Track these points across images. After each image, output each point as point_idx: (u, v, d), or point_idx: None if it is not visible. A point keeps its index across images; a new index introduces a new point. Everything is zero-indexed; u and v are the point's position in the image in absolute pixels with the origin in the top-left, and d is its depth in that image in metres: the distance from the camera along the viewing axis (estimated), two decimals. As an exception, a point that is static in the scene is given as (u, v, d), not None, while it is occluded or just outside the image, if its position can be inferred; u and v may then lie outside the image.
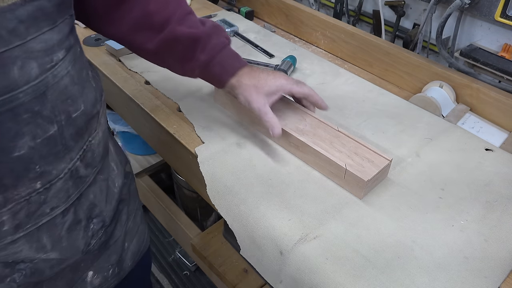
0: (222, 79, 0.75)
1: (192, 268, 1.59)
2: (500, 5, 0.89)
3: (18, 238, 0.53)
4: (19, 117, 0.47)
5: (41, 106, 0.49)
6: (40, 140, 0.50)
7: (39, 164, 0.51)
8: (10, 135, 0.47)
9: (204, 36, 0.72)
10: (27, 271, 0.57)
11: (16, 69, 0.45)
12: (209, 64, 0.73)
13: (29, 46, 0.46)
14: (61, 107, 0.52)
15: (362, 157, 0.71)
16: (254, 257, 0.68)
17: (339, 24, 1.09)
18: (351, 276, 0.58)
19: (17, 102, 0.46)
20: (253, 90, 0.73)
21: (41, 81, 0.48)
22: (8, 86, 0.45)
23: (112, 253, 0.70)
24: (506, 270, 0.60)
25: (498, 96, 0.87)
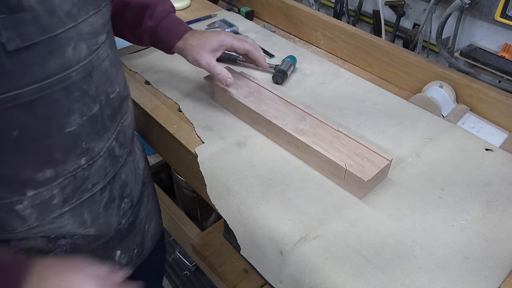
0: (169, 43, 0.81)
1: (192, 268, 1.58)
2: (500, 5, 0.88)
3: (64, 212, 0.58)
4: (71, 95, 0.52)
5: (88, 85, 0.54)
6: (86, 118, 0.55)
7: (85, 140, 0.56)
8: (64, 111, 0.52)
9: (152, 4, 0.79)
10: (67, 246, 0.62)
11: (70, 49, 0.50)
12: (156, 29, 0.80)
13: (79, 28, 0.51)
14: (102, 87, 0.57)
15: (362, 157, 0.71)
16: (254, 257, 0.68)
17: (339, 24, 1.09)
18: (351, 276, 0.58)
19: (70, 80, 0.51)
20: (198, 49, 0.79)
21: (89, 62, 0.54)
22: (63, 65, 0.50)
23: (137, 234, 0.76)
24: (506, 270, 0.60)
25: (498, 96, 0.87)
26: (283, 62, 0.99)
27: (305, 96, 0.93)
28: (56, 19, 0.47)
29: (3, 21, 0.43)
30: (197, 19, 1.21)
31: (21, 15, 0.44)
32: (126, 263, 0.75)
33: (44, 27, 0.46)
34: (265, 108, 0.81)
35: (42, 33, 0.46)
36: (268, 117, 0.78)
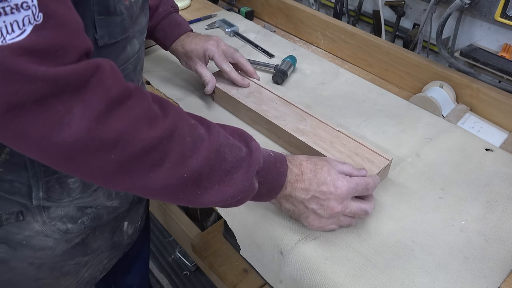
0: (165, 45, 0.88)
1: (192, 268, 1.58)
2: (500, 5, 0.88)
3: (99, 187, 0.66)
4: None
5: (135, 75, 0.64)
6: None
7: None
8: None
9: (153, 5, 0.84)
10: (92, 215, 0.68)
11: (129, 45, 0.60)
12: (154, 30, 0.86)
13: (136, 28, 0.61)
14: (140, 76, 0.68)
15: (363, 157, 0.71)
16: (254, 257, 0.68)
17: (339, 24, 1.09)
18: (351, 276, 0.58)
19: (127, 71, 0.62)
20: (187, 57, 0.86)
21: (137, 55, 0.63)
22: (125, 58, 0.60)
23: (140, 207, 0.83)
24: (506, 270, 0.60)
25: (498, 96, 0.87)
26: (283, 62, 0.99)
27: (305, 96, 0.93)
28: (132, 22, 0.58)
29: (100, 21, 0.52)
30: (197, 19, 1.21)
31: (113, 18, 0.54)
32: (132, 233, 0.82)
33: (125, 28, 0.57)
34: (265, 108, 0.81)
35: (122, 33, 0.57)
36: (268, 117, 0.78)
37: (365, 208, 0.61)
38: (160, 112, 0.46)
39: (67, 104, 0.39)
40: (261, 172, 0.54)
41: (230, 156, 0.50)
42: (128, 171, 0.44)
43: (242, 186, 0.51)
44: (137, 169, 0.44)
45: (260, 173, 0.54)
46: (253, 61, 1.01)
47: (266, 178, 0.55)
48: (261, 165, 0.53)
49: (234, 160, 0.50)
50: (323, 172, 0.58)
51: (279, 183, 0.56)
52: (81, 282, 0.77)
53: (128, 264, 1.07)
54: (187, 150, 0.47)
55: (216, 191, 0.50)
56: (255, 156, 0.53)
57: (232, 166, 0.50)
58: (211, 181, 0.49)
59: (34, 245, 0.65)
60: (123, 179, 0.44)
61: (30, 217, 0.63)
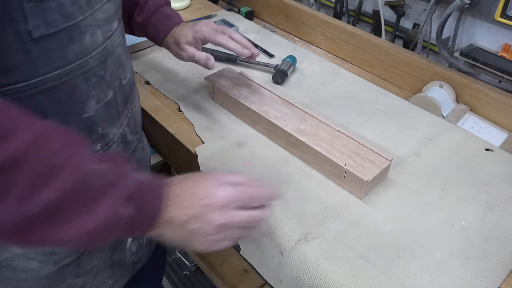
0: (158, 40, 0.83)
1: (192, 268, 1.58)
2: (500, 5, 0.88)
3: None
4: (89, 81, 0.53)
5: (104, 71, 0.56)
6: (102, 103, 0.56)
7: (101, 126, 0.57)
8: (82, 97, 0.53)
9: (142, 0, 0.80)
10: None
11: (88, 36, 0.52)
12: (145, 26, 0.81)
13: (96, 16, 0.52)
14: (116, 73, 0.59)
15: (363, 157, 0.71)
16: (254, 257, 0.68)
17: (339, 24, 1.09)
18: (351, 276, 0.58)
19: (88, 66, 0.53)
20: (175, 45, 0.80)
21: (104, 48, 0.55)
22: (82, 52, 0.52)
23: None
24: (506, 270, 0.60)
25: (498, 96, 0.87)
26: (283, 62, 0.99)
27: (305, 96, 0.93)
28: (78, 7, 0.49)
29: (31, 9, 0.45)
30: (197, 19, 1.21)
31: (47, 4, 0.46)
32: (136, 250, 0.75)
33: (67, 15, 0.48)
34: (266, 108, 0.81)
35: (65, 20, 0.48)
36: (269, 117, 0.78)
37: (255, 215, 0.53)
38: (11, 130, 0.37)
39: None
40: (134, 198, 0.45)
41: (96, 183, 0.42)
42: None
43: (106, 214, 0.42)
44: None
45: (132, 199, 0.45)
46: (253, 61, 1.02)
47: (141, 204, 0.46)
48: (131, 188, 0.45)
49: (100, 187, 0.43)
50: (202, 186, 0.51)
51: (155, 207, 0.48)
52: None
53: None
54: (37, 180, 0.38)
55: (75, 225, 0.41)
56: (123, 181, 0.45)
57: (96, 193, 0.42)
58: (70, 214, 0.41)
59: (15, 266, 0.58)
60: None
61: None
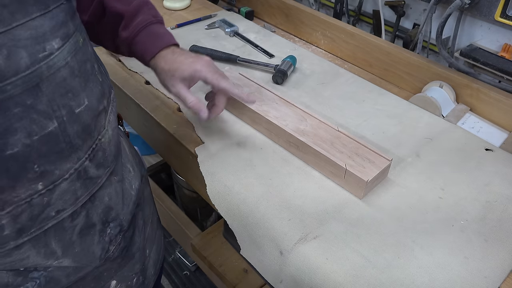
0: (144, 59, 0.72)
1: (192, 268, 1.58)
2: (500, 5, 0.88)
3: (22, 243, 0.50)
4: (8, 112, 0.43)
5: (35, 99, 0.46)
6: (38, 137, 0.47)
7: (37, 163, 0.48)
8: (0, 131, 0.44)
9: (128, 14, 0.70)
10: (41, 280, 0.54)
11: (1, 58, 0.42)
12: (131, 42, 0.71)
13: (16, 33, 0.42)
14: (60, 101, 0.48)
15: (363, 157, 0.71)
16: (254, 257, 0.68)
17: (339, 24, 1.09)
18: (351, 276, 0.58)
19: (5, 94, 0.43)
20: (169, 75, 0.70)
21: (33, 72, 0.45)
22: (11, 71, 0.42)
23: (136, 262, 0.68)
24: (506, 270, 0.60)
25: (498, 96, 0.87)
26: (283, 62, 0.99)
27: (305, 96, 0.93)
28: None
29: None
30: (197, 19, 1.21)
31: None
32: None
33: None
34: (266, 108, 0.81)
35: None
36: (269, 117, 0.78)
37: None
38: None
39: None
40: None
41: None
42: None
43: None
44: None
45: None
46: (253, 61, 1.02)
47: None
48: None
49: None
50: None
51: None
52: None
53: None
54: None
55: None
56: None
57: None
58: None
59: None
60: None
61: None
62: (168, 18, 1.24)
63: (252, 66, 1.02)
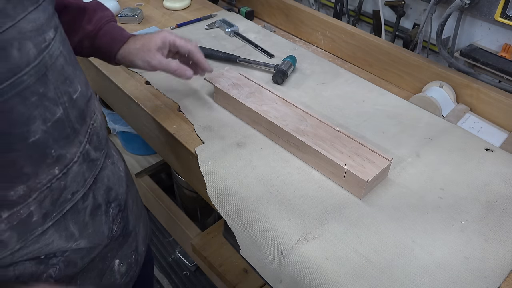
0: (112, 50, 0.76)
1: (192, 268, 1.59)
2: (500, 5, 0.88)
3: (47, 229, 0.54)
4: (27, 101, 0.47)
5: (45, 87, 0.50)
6: (51, 123, 0.51)
7: (53, 148, 0.52)
8: (23, 120, 0.47)
9: (90, 8, 0.76)
10: (61, 265, 0.58)
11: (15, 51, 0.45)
12: (97, 35, 0.75)
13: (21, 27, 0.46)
14: (62, 88, 0.52)
15: (363, 157, 0.71)
16: (254, 257, 0.68)
17: (339, 24, 1.09)
18: (351, 276, 0.58)
19: (23, 85, 0.47)
20: (145, 50, 0.75)
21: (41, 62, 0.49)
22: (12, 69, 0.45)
23: (133, 239, 0.72)
24: (506, 270, 0.60)
25: (498, 96, 0.87)
26: (283, 62, 0.99)
27: (305, 96, 0.93)
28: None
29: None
30: (197, 19, 1.22)
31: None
32: (125, 271, 0.71)
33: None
34: (266, 108, 0.81)
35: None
36: (269, 117, 0.78)
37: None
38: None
39: None
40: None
41: None
42: None
43: None
44: None
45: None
46: (253, 61, 1.02)
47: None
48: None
49: None
50: None
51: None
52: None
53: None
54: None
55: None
56: None
57: None
58: None
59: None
60: None
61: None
62: (168, 18, 1.24)
63: (252, 66, 1.02)
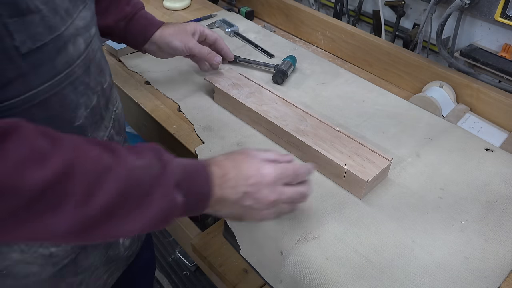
0: (147, 32, 0.83)
1: (192, 268, 1.58)
2: (500, 5, 0.88)
3: None
4: (76, 90, 0.53)
5: (89, 78, 0.56)
6: (89, 110, 0.56)
7: (90, 132, 0.57)
8: (72, 106, 0.53)
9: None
10: None
11: (71, 45, 0.51)
12: (134, 17, 0.82)
13: (76, 24, 0.52)
14: (98, 78, 0.59)
15: (363, 157, 0.71)
16: (254, 257, 0.68)
17: (339, 24, 1.09)
18: (351, 276, 0.58)
19: (74, 75, 0.53)
20: (183, 33, 0.84)
21: (87, 55, 0.55)
22: (68, 61, 0.51)
23: None
24: (506, 270, 0.60)
25: (498, 96, 0.87)
26: (283, 62, 0.99)
27: (305, 96, 0.93)
28: (59, 18, 0.49)
29: (15, 24, 0.44)
30: (197, 19, 1.21)
31: (30, 17, 0.45)
32: (129, 244, 0.77)
33: (50, 27, 0.48)
34: (266, 108, 0.81)
35: (49, 32, 0.48)
36: (269, 117, 0.78)
37: (301, 190, 0.59)
38: (50, 148, 0.40)
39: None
40: (182, 184, 0.49)
41: (144, 177, 0.46)
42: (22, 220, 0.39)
43: (163, 204, 0.47)
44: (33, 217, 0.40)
45: (181, 186, 0.49)
46: (253, 61, 1.02)
47: (191, 188, 0.50)
48: (178, 176, 0.49)
49: (149, 180, 0.46)
50: (245, 165, 0.55)
51: (205, 190, 0.52)
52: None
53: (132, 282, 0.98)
54: (91, 186, 0.42)
55: (136, 217, 0.46)
56: (169, 170, 0.48)
57: (148, 186, 0.46)
58: (128, 208, 0.45)
59: (16, 273, 0.59)
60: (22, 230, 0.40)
61: (6, 248, 0.57)
62: (168, 18, 1.24)
63: (252, 66, 1.02)
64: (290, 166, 0.58)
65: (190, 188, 0.50)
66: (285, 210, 0.59)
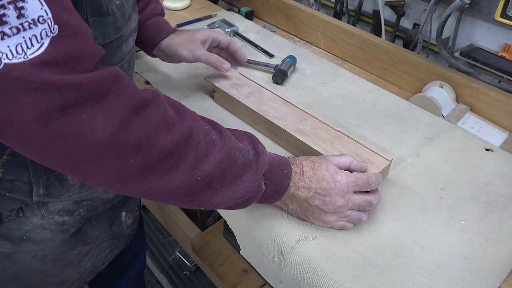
0: (155, 39, 0.85)
1: (192, 268, 1.58)
2: (500, 5, 0.88)
3: None
4: None
5: (129, 74, 0.65)
6: None
7: None
8: None
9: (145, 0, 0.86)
10: (88, 207, 0.71)
11: (124, 44, 0.61)
12: (144, 24, 0.84)
13: (131, 26, 0.61)
14: (130, 73, 0.67)
15: (363, 157, 0.71)
16: (254, 257, 0.68)
17: (339, 24, 1.09)
18: (351, 276, 0.58)
19: (122, 69, 0.60)
20: (191, 42, 0.85)
21: (131, 53, 0.64)
22: (121, 57, 0.61)
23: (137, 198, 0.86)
24: (506, 270, 0.60)
25: (498, 96, 0.87)
26: (283, 62, 0.99)
27: (305, 96, 0.93)
28: (124, 21, 0.58)
29: (94, 23, 0.53)
30: (197, 19, 1.22)
31: (106, 19, 0.55)
32: (131, 223, 0.85)
33: (118, 27, 0.58)
34: (266, 108, 0.81)
35: (116, 32, 0.57)
36: (269, 117, 0.78)
37: (369, 199, 0.62)
38: (176, 117, 0.48)
39: (90, 113, 0.41)
40: (267, 174, 0.56)
41: (240, 159, 0.53)
42: (146, 175, 0.46)
43: (250, 187, 0.53)
44: (154, 173, 0.46)
45: (266, 175, 0.56)
46: (253, 61, 1.02)
47: (272, 180, 0.57)
48: (267, 167, 0.56)
49: (243, 163, 0.53)
50: (321, 169, 0.60)
51: (284, 184, 0.59)
52: (83, 272, 0.80)
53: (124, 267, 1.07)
54: (201, 154, 0.49)
55: (227, 193, 0.52)
56: (262, 159, 0.55)
57: (241, 168, 0.53)
58: (222, 183, 0.51)
59: (34, 238, 0.67)
60: (141, 183, 0.46)
61: (30, 213, 0.65)
62: (168, 18, 1.23)
63: (252, 66, 1.02)
64: (362, 175, 0.61)
65: (272, 180, 0.57)
66: (353, 217, 0.61)
